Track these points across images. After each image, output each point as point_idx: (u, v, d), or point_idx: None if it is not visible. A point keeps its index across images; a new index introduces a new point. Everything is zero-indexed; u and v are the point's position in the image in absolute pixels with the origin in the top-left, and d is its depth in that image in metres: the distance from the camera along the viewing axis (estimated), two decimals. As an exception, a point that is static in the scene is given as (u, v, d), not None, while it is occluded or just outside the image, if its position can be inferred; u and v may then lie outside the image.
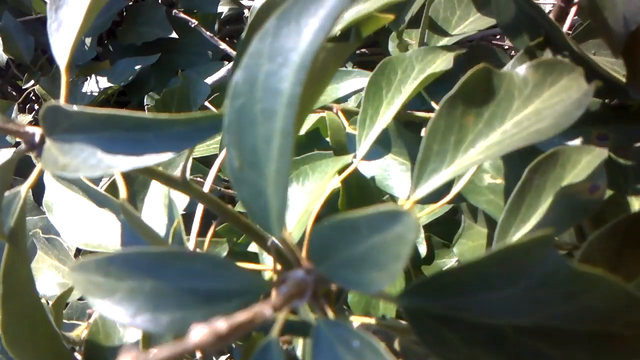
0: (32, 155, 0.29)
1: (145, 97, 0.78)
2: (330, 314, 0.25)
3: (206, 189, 0.41)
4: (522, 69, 0.34)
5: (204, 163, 0.69)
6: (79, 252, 0.58)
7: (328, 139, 0.65)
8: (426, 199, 0.33)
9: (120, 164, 0.23)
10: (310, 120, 0.62)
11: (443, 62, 0.43)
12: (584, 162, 0.37)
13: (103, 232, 0.43)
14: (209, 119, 0.23)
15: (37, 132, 0.28)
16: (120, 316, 0.21)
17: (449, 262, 0.64)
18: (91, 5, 0.30)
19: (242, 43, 0.34)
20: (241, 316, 0.17)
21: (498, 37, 0.91)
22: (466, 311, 0.23)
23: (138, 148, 0.23)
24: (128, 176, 0.45)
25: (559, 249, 0.50)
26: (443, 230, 0.64)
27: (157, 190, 0.39)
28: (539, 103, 0.32)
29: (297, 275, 0.22)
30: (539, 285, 0.23)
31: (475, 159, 0.31)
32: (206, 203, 0.37)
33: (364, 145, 0.43)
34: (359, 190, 0.56)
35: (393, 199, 0.53)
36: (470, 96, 0.32)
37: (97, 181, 0.47)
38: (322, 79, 0.29)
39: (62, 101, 0.30)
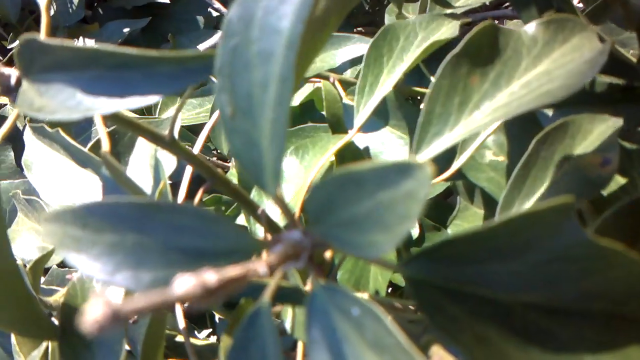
0: (8, 101, 0.27)
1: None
2: (322, 282, 0.23)
3: (196, 150, 0.39)
4: (531, 27, 0.32)
5: (193, 132, 0.67)
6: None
7: (323, 112, 0.64)
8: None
9: (101, 106, 0.21)
10: (305, 91, 0.60)
11: (449, 30, 0.41)
12: (596, 132, 0.35)
13: (85, 194, 0.41)
14: (201, 59, 0.21)
15: (13, 73, 0.26)
16: (98, 272, 0.19)
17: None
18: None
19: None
20: (233, 270, 0.15)
21: (497, 21, 0.89)
22: (473, 284, 0.22)
23: (122, 89, 0.21)
24: (113, 136, 0.43)
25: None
26: (434, 213, 0.62)
27: (143, 150, 0.37)
28: (549, 63, 0.30)
29: (293, 235, 0.20)
30: (554, 259, 0.21)
31: (481, 122, 0.29)
32: (195, 165, 0.35)
33: (362, 114, 0.41)
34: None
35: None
36: (476, 55, 0.30)
37: (82, 142, 0.45)
38: (321, 31, 0.27)
39: (42, 35, 0.27)
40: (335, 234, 0.19)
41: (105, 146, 0.28)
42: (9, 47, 0.88)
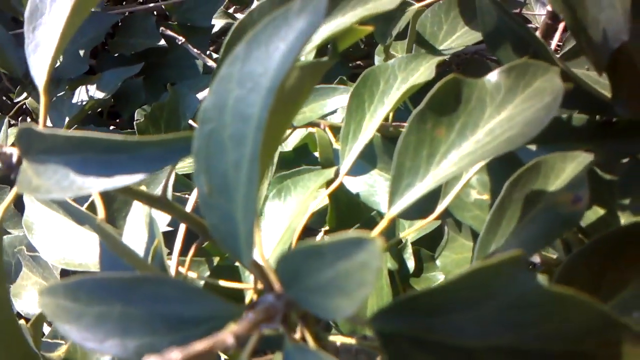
0: (12, 177, 0.29)
1: (136, 112, 0.78)
2: (308, 335, 0.25)
3: (189, 208, 0.41)
4: (493, 75, 0.33)
5: (190, 177, 0.69)
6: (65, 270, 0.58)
7: (316, 154, 0.66)
8: (407, 214, 0.33)
9: (92, 185, 0.23)
10: (298, 136, 0.62)
11: (426, 71, 0.43)
12: (569, 170, 0.37)
13: (84, 251, 0.43)
14: (182, 141, 0.23)
15: (14, 152, 0.28)
16: (88, 341, 0.21)
17: (439, 275, 0.64)
18: (67, 26, 0.30)
19: (218, 65, 0.34)
20: (199, 345, 0.17)
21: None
22: (438, 333, 0.23)
23: (110, 169, 0.23)
24: (108, 195, 0.45)
25: (544, 264, 0.50)
26: (431, 243, 0.64)
27: (138, 209, 0.39)
28: (511, 109, 0.32)
29: (267, 300, 0.22)
30: (510, 307, 0.23)
31: (449, 171, 0.31)
32: (188, 223, 0.37)
33: (348, 160, 0.43)
34: (348, 207, 0.56)
35: (380, 214, 0.53)
36: (441, 108, 0.32)
37: (80, 200, 0.47)
38: (297, 98, 0.29)
39: (40, 122, 0.30)
40: (305, 298, 0.21)
41: (101, 214, 0.30)
42: (15, 100, 0.91)
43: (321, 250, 0.19)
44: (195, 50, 0.68)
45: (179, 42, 0.67)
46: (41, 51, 0.31)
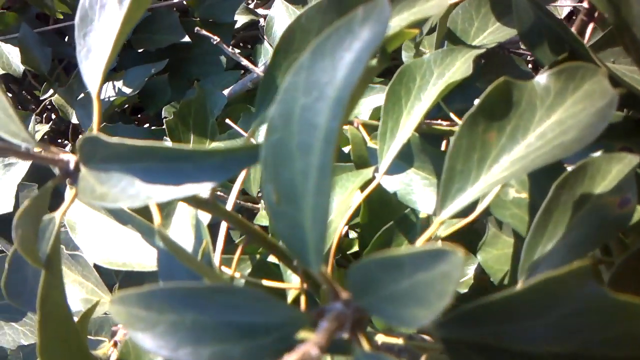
0: (67, 182, 0.29)
1: (163, 109, 0.78)
2: (362, 337, 0.25)
3: (229, 206, 0.41)
4: (542, 78, 0.33)
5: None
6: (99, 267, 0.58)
7: (346, 150, 0.66)
8: (452, 217, 0.33)
9: (159, 194, 0.23)
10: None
11: (463, 65, 0.43)
12: (615, 172, 0.37)
13: (127, 250, 0.43)
14: (247, 151, 0.23)
15: (71, 159, 0.28)
16: (162, 349, 0.22)
17: (467, 270, 0.64)
18: (121, 32, 0.31)
19: (268, 69, 0.34)
20: (289, 358, 0.17)
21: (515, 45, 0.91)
22: (503, 340, 0.23)
23: (176, 178, 0.23)
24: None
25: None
26: (459, 239, 0.64)
27: (184, 210, 0.39)
28: (562, 112, 0.32)
29: (336, 307, 0.22)
30: (577, 314, 0.23)
31: (500, 176, 0.31)
32: (232, 223, 0.37)
33: (386, 159, 0.43)
34: (380, 204, 0.56)
35: (414, 212, 0.53)
36: (492, 111, 0.32)
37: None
38: (352, 104, 0.29)
39: (94, 129, 0.30)
40: (378, 307, 0.21)
41: (157, 219, 0.30)
42: (41, 97, 0.92)
43: (399, 261, 0.19)
44: (229, 49, 0.68)
45: (214, 42, 0.67)
46: (94, 57, 0.31)
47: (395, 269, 0.19)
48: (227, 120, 0.62)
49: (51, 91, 0.92)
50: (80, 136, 0.26)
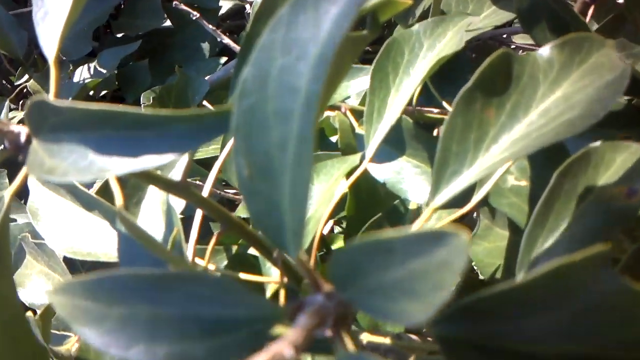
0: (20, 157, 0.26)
1: (142, 95, 0.74)
2: (346, 336, 0.22)
3: (205, 193, 0.38)
4: (545, 50, 0.30)
5: (204, 165, 0.66)
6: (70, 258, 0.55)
7: (333, 139, 0.62)
8: (446, 204, 0.30)
9: (115, 166, 0.20)
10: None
11: (454, 36, 0.40)
12: (619, 161, 0.34)
13: (93, 239, 0.40)
14: (216, 116, 0.20)
15: (22, 131, 0.25)
16: (110, 347, 0.18)
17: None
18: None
19: (246, 37, 0.31)
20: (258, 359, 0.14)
21: (505, 36, 0.88)
22: (507, 339, 0.20)
23: (135, 149, 0.20)
24: (120, 178, 0.42)
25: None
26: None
27: (154, 195, 0.36)
28: (567, 86, 0.29)
29: (317, 300, 0.19)
30: (592, 310, 0.20)
31: (499, 157, 0.28)
32: (207, 210, 0.34)
33: (373, 142, 0.40)
34: (368, 194, 0.53)
35: (404, 204, 0.50)
36: (490, 86, 0.29)
37: (88, 184, 0.44)
38: (338, 74, 0.26)
39: (51, 96, 0.27)
40: (363, 300, 0.18)
41: (119, 200, 0.27)
42: (16, 83, 0.88)
43: (390, 246, 0.16)
44: (209, 25, 0.64)
45: (193, 17, 0.64)
46: (51, 19, 0.28)
47: (385, 255, 0.16)
48: (205, 103, 0.59)
49: (27, 76, 0.88)
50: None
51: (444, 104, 0.53)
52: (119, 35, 0.90)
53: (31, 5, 0.89)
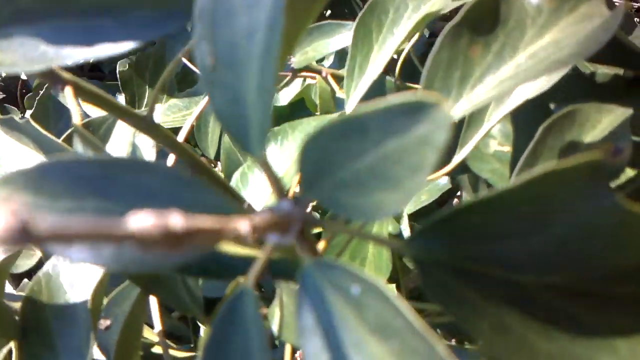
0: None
1: (118, 63, 0.72)
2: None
3: (181, 138, 0.36)
4: None
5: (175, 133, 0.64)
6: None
7: (314, 112, 0.61)
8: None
9: (67, 55, 0.18)
10: (295, 89, 0.58)
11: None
12: (605, 122, 0.33)
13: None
14: (180, 2, 0.19)
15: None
16: (53, 247, 0.17)
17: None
18: None
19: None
20: (207, 220, 0.13)
21: None
22: (490, 264, 0.19)
23: (91, 37, 0.18)
24: (87, 128, 0.40)
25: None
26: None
27: (120, 137, 0.34)
28: (557, 32, 0.28)
29: (283, 206, 0.17)
30: (579, 231, 0.18)
31: (485, 96, 0.26)
32: (176, 151, 0.32)
33: (353, 98, 0.39)
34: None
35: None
36: (476, 25, 0.28)
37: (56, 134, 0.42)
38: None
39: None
40: (334, 197, 0.16)
41: (77, 119, 0.25)
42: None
43: (363, 124, 0.14)
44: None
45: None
46: None
47: (359, 138, 0.15)
48: (185, 60, 0.57)
49: None
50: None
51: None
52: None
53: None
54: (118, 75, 0.66)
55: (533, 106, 0.38)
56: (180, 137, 0.37)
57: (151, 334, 0.42)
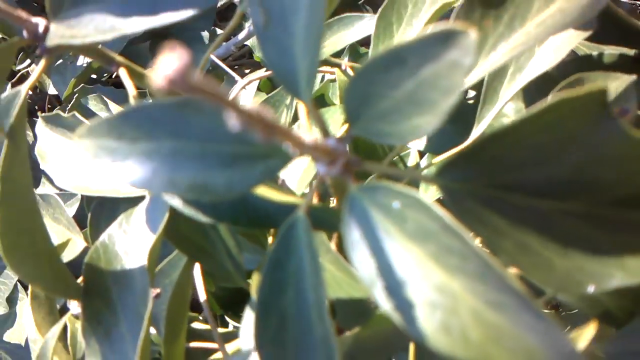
0: (37, 52, 0.27)
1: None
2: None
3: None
4: None
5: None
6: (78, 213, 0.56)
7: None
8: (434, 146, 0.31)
9: (135, 25, 0.21)
10: (315, 85, 0.60)
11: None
12: (612, 87, 0.36)
13: (98, 177, 0.41)
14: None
15: (40, 22, 0.26)
16: (134, 178, 0.19)
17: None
18: None
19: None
20: (266, 112, 0.15)
21: None
22: (512, 191, 0.21)
23: (154, 7, 0.21)
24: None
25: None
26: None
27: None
28: (562, 1, 0.30)
29: (329, 143, 0.20)
30: (591, 159, 0.21)
31: (500, 61, 0.29)
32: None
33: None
34: (366, 152, 0.54)
35: (402, 160, 0.52)
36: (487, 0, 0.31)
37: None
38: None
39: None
40: (376, 128, 0.19)
41: (132, 91, 0.28)
42: (17, 68, 0.89)
43: (401, 55, 0.17)
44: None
45: None
46: None
47: (398, 68, 0.17)
48: (214, 57, 0.60)
49: (28, 61, 0.89)
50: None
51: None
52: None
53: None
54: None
55: (543, 85, 0.41)
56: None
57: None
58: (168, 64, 0.11)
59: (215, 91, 0.12)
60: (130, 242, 0.32)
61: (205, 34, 0.92)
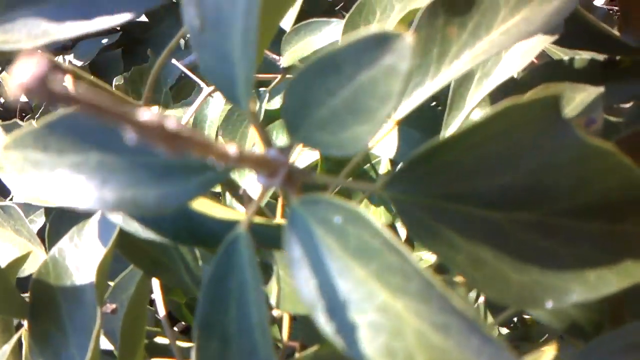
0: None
1: (114, 80, 0.74)
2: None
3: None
4: None
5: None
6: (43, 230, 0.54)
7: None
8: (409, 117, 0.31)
9: (68, 30, 0.20)
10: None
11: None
12: (578, 99, 0.35)
13: (59, 187, 0.39)
14: (167, -27, 0.20)
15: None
16: (61, 192, 0.18)
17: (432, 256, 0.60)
18: None
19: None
20: (201, 135, 0.14)
21: None
22: (462, 201, 0.20)
23: (89, 12, 0.20)
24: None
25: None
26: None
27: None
28: (527, 11, 0.30)
29: (270, 154, 0.19)
30: (544, 165, 0.20)
31: (463, 69, 0.28)
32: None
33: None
34: (337, 164, 0.53)
35: (374, 168, 0.51)
36: (452, 6, 0.30)
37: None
38: None
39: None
40: (316, 138, 0.18)
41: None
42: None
43: (336, 60, 0.16)
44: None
45: None
46: None
47: (333, 74, 0.16)
48: (182, 66, 0.59)
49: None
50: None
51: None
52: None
53: None
54: (114, 88, 0.68)
55: (513, 91, 0.40)
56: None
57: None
58: (24, 70, 0.10)
59: (93, 101, 0.11)
60: (82, 257, 0.31)
61: (181, 41, 0.91)
